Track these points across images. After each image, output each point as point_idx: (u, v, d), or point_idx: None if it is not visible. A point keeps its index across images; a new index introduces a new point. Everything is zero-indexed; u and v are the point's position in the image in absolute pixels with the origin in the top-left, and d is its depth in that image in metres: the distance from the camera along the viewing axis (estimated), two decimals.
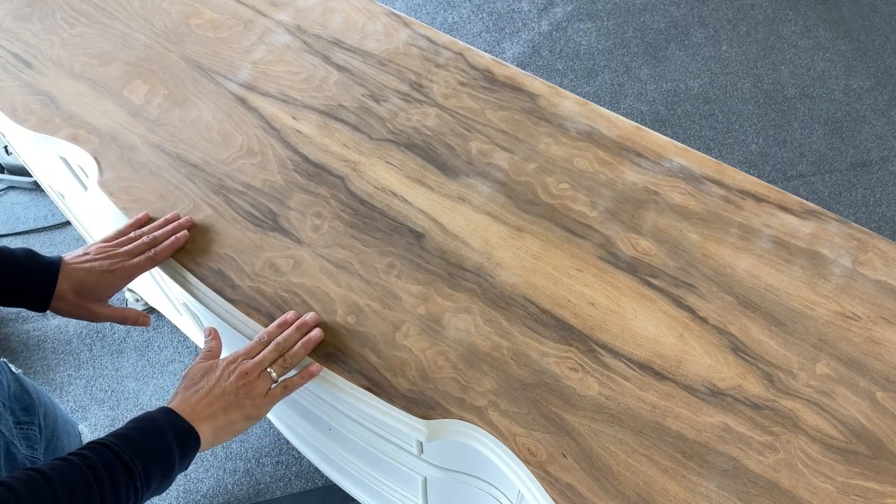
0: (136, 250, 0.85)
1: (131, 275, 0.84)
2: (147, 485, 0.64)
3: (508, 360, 0.81)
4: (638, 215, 0.92)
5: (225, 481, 1.60)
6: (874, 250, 0.89)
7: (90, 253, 0.84)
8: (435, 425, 0.77)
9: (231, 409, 0.72)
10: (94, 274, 0.81)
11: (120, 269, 0.83)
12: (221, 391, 0.72)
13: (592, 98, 2.17)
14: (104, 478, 0.61)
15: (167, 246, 0.86)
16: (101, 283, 0.82)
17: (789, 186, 2.01)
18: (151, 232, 0.87)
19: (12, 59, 1.07)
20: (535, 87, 1.05)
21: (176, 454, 0.67)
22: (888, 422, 0.77)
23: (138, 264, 0.84)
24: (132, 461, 0.63)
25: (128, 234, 0.87)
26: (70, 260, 0.82)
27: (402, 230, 0.91)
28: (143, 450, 0.65)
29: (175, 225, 0.89)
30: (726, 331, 0.83)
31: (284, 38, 1.10)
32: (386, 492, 1.22)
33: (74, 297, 0.80)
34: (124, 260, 0.84)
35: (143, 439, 0.66)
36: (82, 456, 0.62)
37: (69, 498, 0.59)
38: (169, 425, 0.68)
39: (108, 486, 0.61)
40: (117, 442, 0.64)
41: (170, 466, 0.66)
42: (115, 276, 0.82)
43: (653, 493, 0.72)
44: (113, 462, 0.62)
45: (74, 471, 0.61)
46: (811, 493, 0.73)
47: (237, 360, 0.75)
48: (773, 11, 2.40)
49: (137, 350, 1.76)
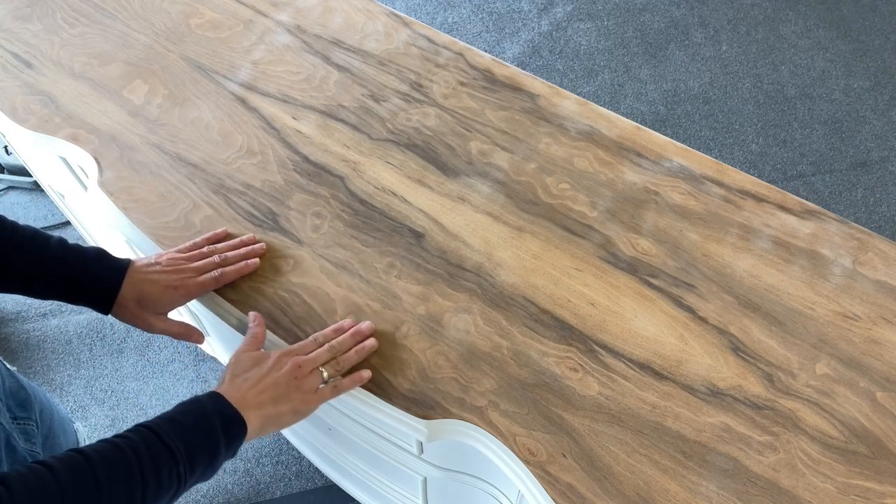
0: (204, 268, 0.83)
1: (194, 294, 0.82)
2: (191, 471, 0.63)
3: (508, 360, 0.81)
4: (638, 215, 0.92)
5: (225, 481, 1.60)
6: (874, 250, 0.89)
7: (161, 263, 0.81)
8: (435, 425, 0.77)
9: (280, 401, 0.71)
10: (158, 287, 0.79)
11: (184, 286, 0.81)
12: (273, 382, 0.71)
13: (592, 98, 2.17)
14: (147, 462, 0.60)
15: (234, 270, 0.84)
16: (163, 299, 0.80)
17: (789, 186, 2.01)
18: (225, 251, 0.86)
19: (12, 59, 1.07)
20: (535, 87, 1.05)
21: (222, 441, 0.66)
22: (888, 422, 0.77)
23: (203, 283, 0.82)
24: (177, 446, 0.62)
25: (201, 249, 0.86)
26: (139, 267, 0.80)
27: (402, 230, 0.91)
28: (188, 435, 0.63)
29: (248, 250, 0.87)
30: (726, 331, 0.83)
31: (284, 38, 1.10)
32: (386, 492, 1.22)
33: (135, 306, 0.79)
34: (192, 276, 0.82)
35: (190, 424, 0.64)
36: (126, 438, 0.61)
37: (109, 480, 0.58)
38: (217, 411, 0.67)
39: (150, 471, 0.60)
40: (163, 425, 0.63)
41: (215, 453, 0.65)
42: (178, 293, 0.81)
43: (653, 493, 0.72)
44: (157, 446, 0.61)
45: (117, 453, 0.60)
46: (811, 493, 0.73)
47: (290, 353, 0.75)
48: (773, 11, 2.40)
49: (137, 350, 1.76)
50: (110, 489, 0.58)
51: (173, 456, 0.62)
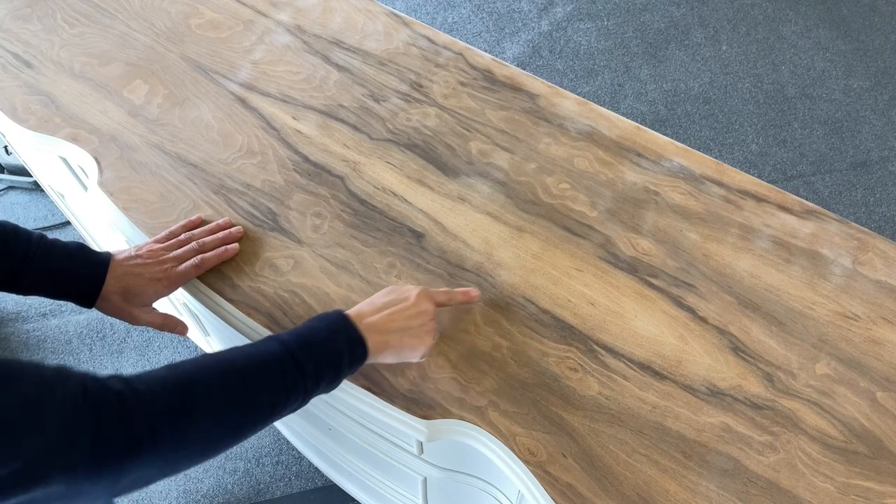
0: (184, 256, 0.84)
1: (178, 283, 0.83)
2: (316, 384, 0.66)
3: (508, 360, 0.81)
4: (638, 215, 0.92)
5: (225, 481, 1.60)
6: (874, 250, 0.89)
7: (141, 255, 0.82)
8: (435, 425, 0.77)
9: (408, 334, 0.73)
10: (142, 280, 0.80)
11: (167, 277, 0.82)
12: (403, 314, 0.73)
13: (592, 98, 2.17)
14: (278, 373, 0.63)
15: (214, 256, 0.85)
16: (148, 291, 0.81)
17: (789, 186, 2.01)
18: (202, 237, 0.86)
19: (12, 59, 1.07)
20: (535, 87, 1.05)
21: (346, 360, 0.68)
22: (888, 422, 0.77)
23: (184, 273, 0.83)
24: (305, 361, 0.65)
25: (178, 237, 0.86)
26: (121, 260, 0.81)
27: (402, 230, 0.91)
28: (315, 352, 0.66)
29: (225, 234, 0.88)
30: (726, 331, 0.83)
31: (284, 38, 1.10)
32: (386, 492, 1.22)
33: (119, 299, 0.80)
34: (173, 266, 0.83)
35: (317, 341, 0.67)
36: (259, 347, 0.65)
37: (243, 382, 0.61)
38: (343, 332, 0.69)
39: (280, 382, 0.63)
40: (293, 340, 0.66)
41: (338, 371, 0.68)
42: (161, 285, 0.81)
43: (653, 493, 0.72)
44: (288, 359, 0.64)
45: (253, 360, 0.63)
46: (811, 493, 0.73)
47: (430, 296, 0.77)
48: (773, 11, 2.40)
49: (137, 350, 1.76)
50: (248, 391, 0.61)
51: (301, 371, 0.64)
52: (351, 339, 0.69)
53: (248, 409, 0.62)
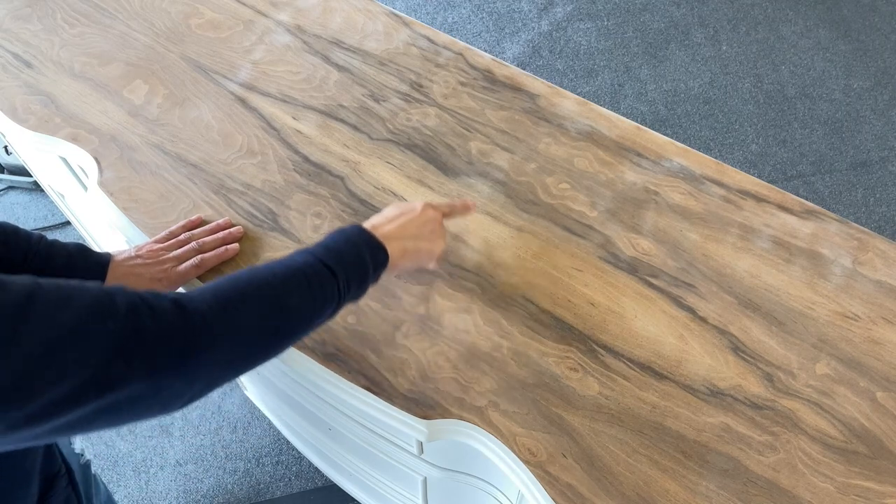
0: (184, 256, 0.84)
1: (177, 283, 0.83)
2: (347, 288, 0.68)
3: (508, 360, 0.81)
4: (638, 215, 0.92)
5: (225, 481, 1.60)
6: (874, 250, 0.89)
7: (141, 256, 0.82)
8: (435, 425, 0.77)
9: (419, 239, 0.77)
10: (142, 280, 0.80)
11: (167, 277, 0.82)
12: (413, 222, 0.78)
13: (592, 98, 2.17)
14: (314, 279, 0.65)
15: (214, 256, 0.85)
16: None
17: (789, 186, 2.01)
18: (202, 237, 0.87)
19: (12, 59, 1.07)
20: (535, 87, 1.05)
21: (370, 265, 0.71)
22: (888, 422, 0.77)
23: (184, 273, 0.83)
24: (335, 266, 0.67)
25: (178, 237, 0.86)
26: (121, 261, 0.81)
27: None
28: (342, 258, 0.69)
29: (225, 234, 0.88)
30: (726, 331, 0.83)
31: (284, 38, 1.10)
32: (386, 492, 1.22)
33: None
34: (173, 266, 0.83)
35: (342, 249, 0.70)
36: (291, 259, 0.67)
37: (284, 287, 0.63)
38: (363, 240, 0.72)
39: (317, 286, 0.65)
40: (320, 250, 0.68)
41: (364, 276, 0.70)
42: (161, 285, 0.81)
43: (653, 493, 0.72)
44: (319, 265, 0.66)
45: (288, 269, 0.65)
46: (811, 493, 0.73)
47: (434, 206, 0.81)
48: (773, 11, 2.40)
49: None
50: (287, 295, 0.63)
51: (333, 275, 0.67)
52: (372, 245, 0.72)
53: (289, 312, 0.64)
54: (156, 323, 0.52)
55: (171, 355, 0.52)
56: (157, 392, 0.52)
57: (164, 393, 0.53)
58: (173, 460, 1.63)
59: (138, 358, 0.50)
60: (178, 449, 1.64)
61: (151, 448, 1.64)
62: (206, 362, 0.56)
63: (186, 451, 1.64)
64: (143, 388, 0.50)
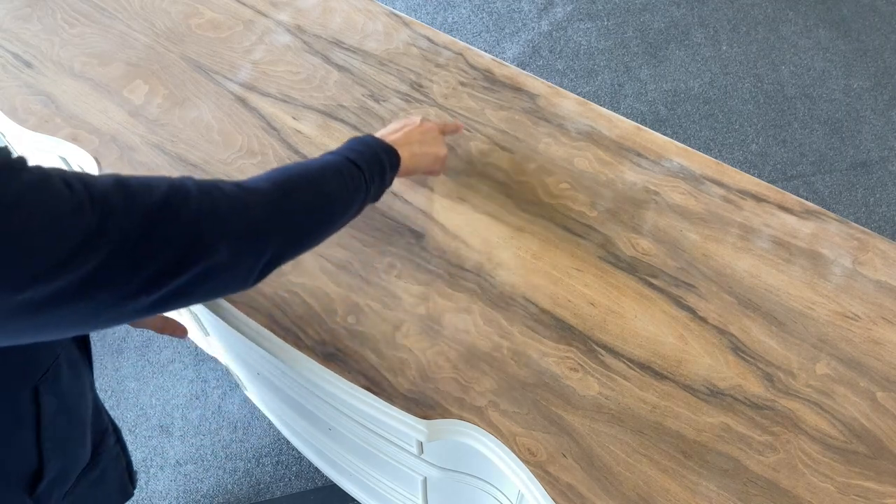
0: None
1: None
2: (371, 183, 0.74)
3: (508, 360, 0.81)
4: (638, 215, 0.92)
5: (225, 481, 1.60)
6: (874, 250, 0.89)
7: None
8: (435, 425, 0.77)
9: (425, 144, 0.85)
10: None
11: None
12: (417, 131, 0.85)
13: (592, 98, 2.17)
14: (344, 170, 0.72)
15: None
16: None
17: (789, 186, 2.01)
18: None
19: (12, 59, 1.07)
20: (535, 87, 1.05)
21: (386, 164, 0.77)
22: (888, 422, 0.77)
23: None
24: (359, 162, 0.73)
25: None
26: None
27: (402, 230, 0.91)
28: (363, 156, 0.75)
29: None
30: (726, 331, 0.83)
31: (284, 38, 1.10)
32: (386, 492, 1.22)
33: None
34: None
35: (361, 150, 0.76)
36: (319, 158, 0.72)
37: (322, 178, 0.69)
38: (377, 142, 0.78)
39: (347, 177, 0.71)
40: (342, 150, 0.75)
41: (382, 173, 0.77)
42: None
43: (653, 493, 0.72)
44: (346, 162, 0.73)
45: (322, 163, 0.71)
46: (811, 493, 0.73)
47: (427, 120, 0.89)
48: (773, 11, 2.40)
49: (137, 350, 1.76)
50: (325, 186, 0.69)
51: (359, 169, 0.73)
52: (385, 148, 0.78)
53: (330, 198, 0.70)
54: (228, 202, 0.58)
55: (243, 230, 0.59)
56: (236, 263, 0.58)
57: (240, 265, 0.59)
58: (173, 460, 1.63)
59: (218, 231, 0.56)
60: (178, 449, 1.64)
61: (151, 448, 1.64)
62: (273, 237, 0.62)
63: (186, 451, 1.64)
64: (225, 256, 0.56)
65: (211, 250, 0.55)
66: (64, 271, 0.46)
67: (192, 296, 0.57)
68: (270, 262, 0.62)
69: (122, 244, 0.49)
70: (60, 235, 0.46)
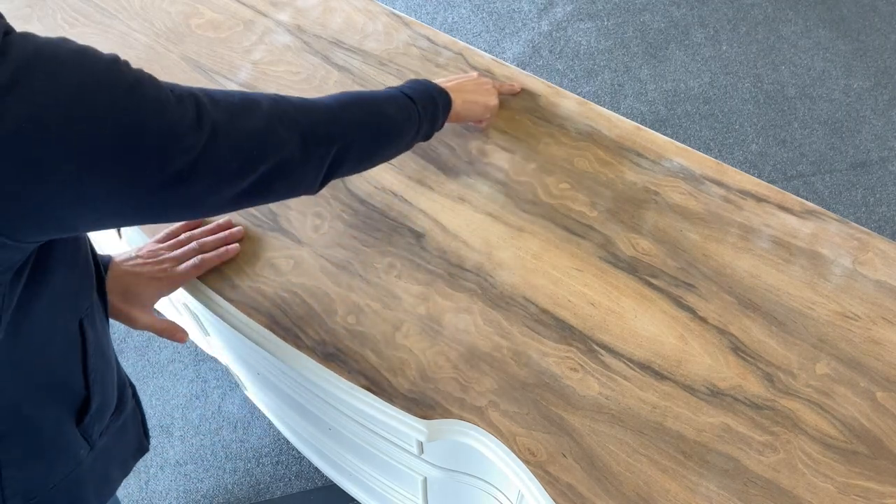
0: (184, 256, 0.84)
1: (178, 283, 0.84)
2: (424, 117, 0.81)
3: (508, 360, 0.81)
4: (638, 215, 0.92)
5: (225, 481, 1.60)
6: (874, 250, 0.89)
7: (141, 256, 0.83)
8: (435, 425, 0.77)
9: (477, 94, 0.93)
10: (142, 280, 0.81)
11: (167, 277, 0.82)
12: (469, 81, 0.93)
13: (592, 98, 2.17)
14: (400, 100, 0.78)
15: (215, 256, 0.86)
16: (147, 291, 0.81)
17: (789, 186, 2.01)
18: (202, 237, 0.87)
19: None
20: (535, 87, 1.05)
21: (439, 104, 0.84)
22: (888, 422, 0.77)
23: (184, 273, 0.83)
24: (414, 97, 0.80)
25: (178, 237, 0.87)
26: (120, 261, 0.81)
27: (402, 230, 0.91)
28: (418, 93, 0.81)
29: (227, 234, 0.88)
30: (726, 331, 0.83)
31: (284, 38, 1.10)
32: (386, 492, 1.22)
33: (119, 301, 0.79)
34: (172, 266, 0.83)
35: (417, 87, 0.82)
36: (377, 90, 0.79)
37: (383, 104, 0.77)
38: (432, 85, 0.85)
39: (403, 106, 0.78)
40: (400, 86, 0.82)
41: (435, 112, 0.83)
42: (161, 284, 0.82)
43: (653, 493, 0.72)
44: (402, 96, 0.79)
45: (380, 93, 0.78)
46: (811, 493, 0.73)
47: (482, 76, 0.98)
48: (773, 11, 2.40)
49: (137, 350, 1.76)
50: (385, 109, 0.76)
51: (414, 102, 0.79)
52: (439, 91, 0.85)
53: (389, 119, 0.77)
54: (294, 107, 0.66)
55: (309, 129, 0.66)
56: (305, 159, 0.66)
57: (309, 162, 0.67)
58: (173, 460, 1.63)
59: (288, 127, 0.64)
60: (178, 449, 1.64)
61: (151, 448, 1.64)
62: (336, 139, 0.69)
63: (186, 451, 1.64)
64: (297, 150, 0.64)
65: (284, 143, 0.63)
66: (176, 156, 0.53)
67: (272, 189, 0.65)
68: (332, 164, 0.69)
69: (214, 136, 0.56)
70: (171, 122, 0.52)
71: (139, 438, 0.87)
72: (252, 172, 0.61)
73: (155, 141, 0.51)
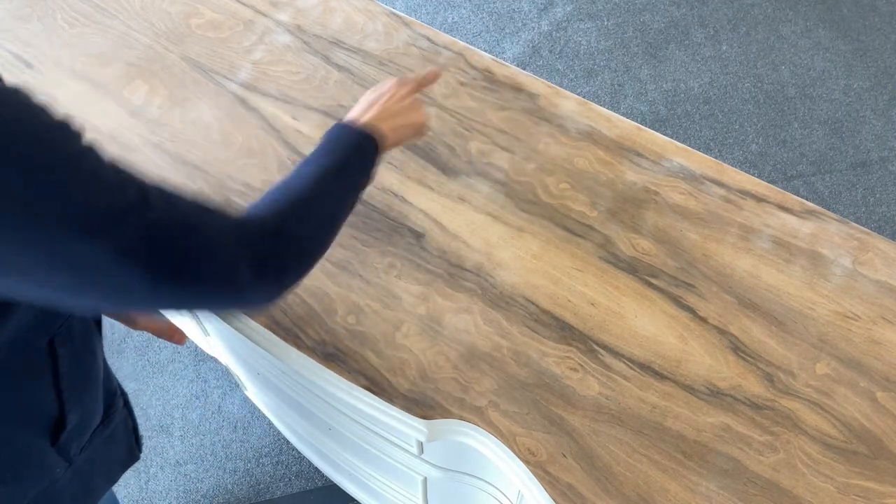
0: None
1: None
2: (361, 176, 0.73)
3: (508, 360, 0.81)
4: (638, 215, 0.92)
5: (225, 481, 1.60)
6: (874, 250, 0.89)
7: None
8: (435, 425, 0.77)
9: (405, 114, 0.80)
10: None
11: None
12: (396, 101, 0.80)
13: (592, 98, 2.17)
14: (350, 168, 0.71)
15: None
16: None
17: (789, 186, 2.01)
18: None
19: (12, 59, 1.07)
20: (535, 87, 1.05)
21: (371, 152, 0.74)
22: (888, 422, 0.77)
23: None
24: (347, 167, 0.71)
25: None
26: None
27: (402, 230, 0.91)
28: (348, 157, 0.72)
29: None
30: (726, 331, 0.83)
31: (284, 38, 1.10)
32: (386, 492, 1.22)
33: None
34: None
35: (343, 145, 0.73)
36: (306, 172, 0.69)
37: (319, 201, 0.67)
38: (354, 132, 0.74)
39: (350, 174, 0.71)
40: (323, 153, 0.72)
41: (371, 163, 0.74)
42: None
43: (653, 493, 0.72)
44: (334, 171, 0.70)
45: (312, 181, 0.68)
46: (811, 493, 0.73)
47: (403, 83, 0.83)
48: (773, 11, 2.40)
49: (137, 350, 1.76)
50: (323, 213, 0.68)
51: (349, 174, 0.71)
52: (366, 136, 0.74)
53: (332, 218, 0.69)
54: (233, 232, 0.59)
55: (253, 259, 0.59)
56: (257, 285, 0.59)
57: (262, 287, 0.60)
58: (173, 460, 1.63)
59: (232, 258, 0.57)
60: (178, 449, 1.64)
61: (151, 448, 1.64)
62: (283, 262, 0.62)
63: (186, 451, 1.64)
64: (248, 277, 0.58)
65: (231, 272, 0.57)
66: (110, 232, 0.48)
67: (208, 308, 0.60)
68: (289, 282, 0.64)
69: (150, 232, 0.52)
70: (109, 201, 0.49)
71: (129, 448, 0.86)
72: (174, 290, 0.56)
73: None
